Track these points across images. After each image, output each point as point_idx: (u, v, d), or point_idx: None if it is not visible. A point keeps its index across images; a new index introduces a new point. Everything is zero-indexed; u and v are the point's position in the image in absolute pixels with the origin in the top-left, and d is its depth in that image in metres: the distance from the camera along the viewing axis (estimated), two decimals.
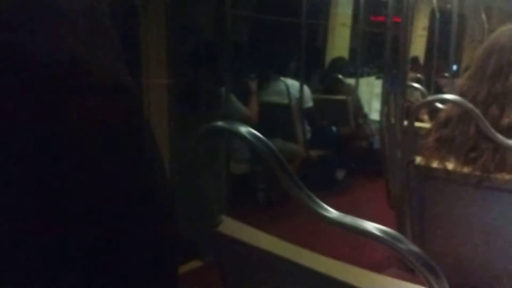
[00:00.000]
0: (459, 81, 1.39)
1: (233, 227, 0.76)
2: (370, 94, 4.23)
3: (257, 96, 3.35)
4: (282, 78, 3.54)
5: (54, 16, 0.26)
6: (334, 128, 3.77)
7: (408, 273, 0.57)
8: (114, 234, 0.26)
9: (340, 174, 3.89)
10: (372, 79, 4.33)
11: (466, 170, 1.23)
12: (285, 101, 3.51)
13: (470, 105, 1.18)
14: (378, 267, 1.12)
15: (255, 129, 0.59)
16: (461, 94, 1.26)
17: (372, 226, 0.56)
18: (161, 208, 0.31)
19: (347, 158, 3.89)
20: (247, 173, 3.15)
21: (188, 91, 2.44)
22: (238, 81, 3.23)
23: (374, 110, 4.06)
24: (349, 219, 0.57)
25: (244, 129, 0.62)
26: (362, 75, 4.36)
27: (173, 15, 2.25)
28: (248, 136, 0.60)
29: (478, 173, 1.21)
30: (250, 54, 4.15)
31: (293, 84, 3.53)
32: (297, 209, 0.58)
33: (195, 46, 2.64)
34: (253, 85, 3.31)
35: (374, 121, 3.94)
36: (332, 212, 0.58)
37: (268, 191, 3.33)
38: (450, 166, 1.27)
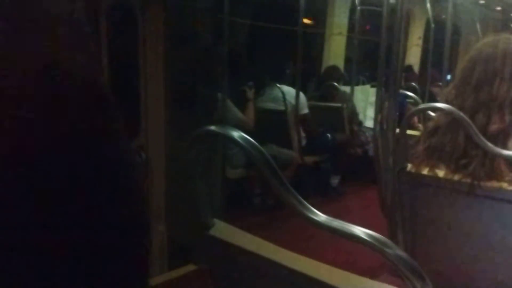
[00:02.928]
0: (446, 90, 1.41)
1: (224, 231, 0.77)
2: (365, 102, 4.26)
3: (253, 102, 3.37)
4: (278, 85, 3.56)
5: (34, 20, 0.26)
6: (329, 135, 3.79)
7: (400, 279, 0.57)
8: (82, 236, 0.27)
9: (334, 181, 3.90)
10: (367, 87, 4.36)
11: (456, 177, 1.25)
12: (281, 107, 3.53)
13: (461, 113, 1.20)
14: (372, 273, 1.13)
15: (251, 135, 0.60)
16: (447, 103, 1.28)
17: (359, 231, 0.57)
18: (133, 214, 0.32)
19: (342, 165, 3.91)
20: (243, 177, 3.16)
21: (185, 96, 2.46)
22: (236, 87, 3.25)
23: (369, 117, 4.09)
24: (337, 223, 0.58)
25: (236, 134, 0.63)
26: (357, 83, 4.39)
27: (171, 21, 2.27)
28: (240, 141, 0.62)
29: (468, 180, 1.22)
30: (247, 61, 4.17)
31: (289, 91, 3.55)
32: (293, 213, 0.58)
33: (192, 52, 2.66)
34: (250, 92, 3.34)
35: (368, 128, 3.97)
36: (321, 216, 0.60)
37: (264, 195, 3.34)
38: (440, 173, 1.28)
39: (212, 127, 0.68)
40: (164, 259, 2.32)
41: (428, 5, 4.64)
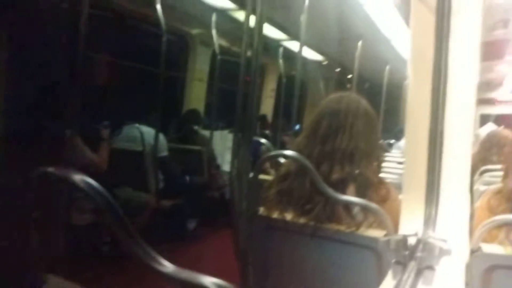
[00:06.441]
0: (297, 140, 1.53)
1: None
2: (224, 146, 4.39)
3: (108, 143, 3.18)
4: (137, 125, 3.45)
5: None
6: (187, 178, 3.77)
7: None
8: None
9: (191, 225, 3.85)
10: (225, 132, 4.51)
11: (302, 220, 1.33)
12: (139, 148, 3.41)
13: (306, 161, 1.30)
14: None
15: (104, 176, 0.55)
16: (298, 151, 1.38)
17: (209, 281, 0.55)
18: None
19: (200, 208, 3.90)
20: (90, 224, 2.90)
21: (26, 134, 2.20)
22: (90, 126, 3.05)
23: (226, 162, 4.21)
24: (185, 274, 0.56)
25: (77, 176, 0.57)
26: (216, 128, 4.52)
27: (14, 51, 2.05)
28: (81, 184, 0.56)
29: (312, 223, 1.31)
30: (105, 98, 3.98)
31: (148, 131, 3.46)
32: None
33: (40, 86, 2.42)
34: (105, 132, 3.15)
35: (226, 172, 4.07)
36: (168, 267, 0.56)
37: (114, 243, 3.10)
38: (289, 217, 1.36)
39: (50, 169, 0.60)
40: None
41: (281, 61, 5.13)
